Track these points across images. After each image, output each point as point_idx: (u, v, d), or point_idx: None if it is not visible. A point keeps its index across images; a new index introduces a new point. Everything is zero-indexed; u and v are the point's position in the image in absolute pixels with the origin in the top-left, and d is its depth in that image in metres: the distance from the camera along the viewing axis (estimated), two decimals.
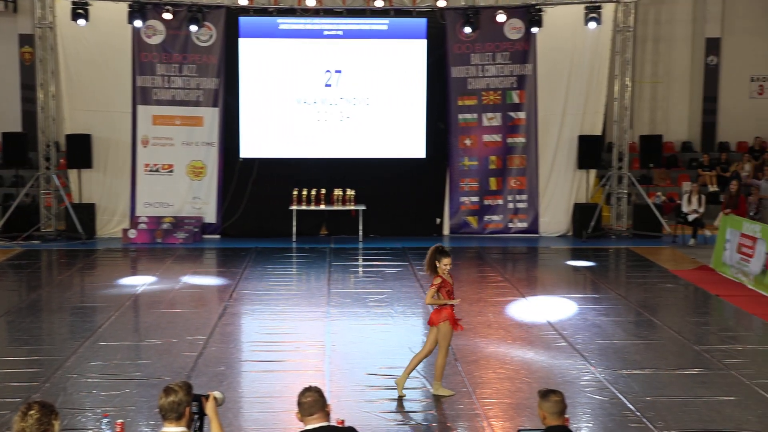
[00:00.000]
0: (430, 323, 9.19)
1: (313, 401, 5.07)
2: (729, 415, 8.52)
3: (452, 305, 9.09)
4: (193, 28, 18.83)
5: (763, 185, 18.24)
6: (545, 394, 5.20)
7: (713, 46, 23.67)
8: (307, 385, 5.22)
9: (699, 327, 12.06)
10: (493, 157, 19.78)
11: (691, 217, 18.71)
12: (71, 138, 18.94)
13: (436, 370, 9.17)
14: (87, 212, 19.00)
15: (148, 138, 19.30)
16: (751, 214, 18.37)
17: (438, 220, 19.89)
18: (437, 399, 9.03)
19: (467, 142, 19.71)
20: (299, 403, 5.09)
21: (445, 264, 8.97)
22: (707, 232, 18.63)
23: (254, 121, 19.46)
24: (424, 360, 9.30)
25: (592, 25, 19.04)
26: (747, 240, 14.68)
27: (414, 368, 9.24)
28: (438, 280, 8.96)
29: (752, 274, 14.35)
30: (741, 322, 12.46)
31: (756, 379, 9.57)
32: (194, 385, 5.12)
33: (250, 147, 19.48)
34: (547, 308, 12.96)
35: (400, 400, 8.99)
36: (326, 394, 5.27)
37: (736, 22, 23.69)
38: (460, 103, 19.63)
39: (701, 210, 18.73)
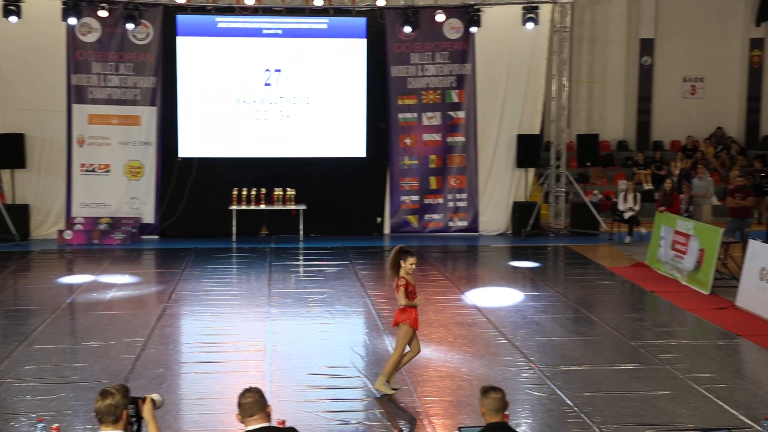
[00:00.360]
0: (395, 324, 9.18)
1: (253, 402, 5.05)
2: (664, 409, 8.69)
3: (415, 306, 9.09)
4: (130, 26, 18.56)
5: (696, 183, 18.64)
6: (485, 391, 5.25)
7: (647, 47, 24.14)
8: (247, 386, 5.19)
9: (635, 323, 12.28)
10: (433, 156, 19.89)
11: (626, 215, 19.04)
12: (3, 138, 18.49)
13: (386, 366, 9.20)
14: (21, 213, 18.60)
15: (84, 137, 18.98)
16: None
17: (379, 219, 19.93)
18: (380, 397, 9.03)
19: (407, 141, 19.78)
20: (239, 405, 5.06)
21: (410, 264, 9.05)
22: (643, 230, 18.97)
23: (193, 120, 19.26)
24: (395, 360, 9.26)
25: (530, 25, 19.26)
26: (681, 237, 14.99)
27: (396, 369, 9.25)
28: (402, 281, 8.96)
29: (686, 270, 14.66)
30: (675, 318, 12.71)
31: (689, 373, 9.79)
32: (132, 387, 5.06)
33: (188, 146, 19.28)
34: (487, 306, 13.07)
35: (390, 397, 9.07)
36: (267, 395, 5.25)
37: (668, 23, 24.19)
38: (400, 102, 19.69)
39: (636, 208, 19.07)
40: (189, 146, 19.27)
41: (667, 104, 24.60)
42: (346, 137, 19.63)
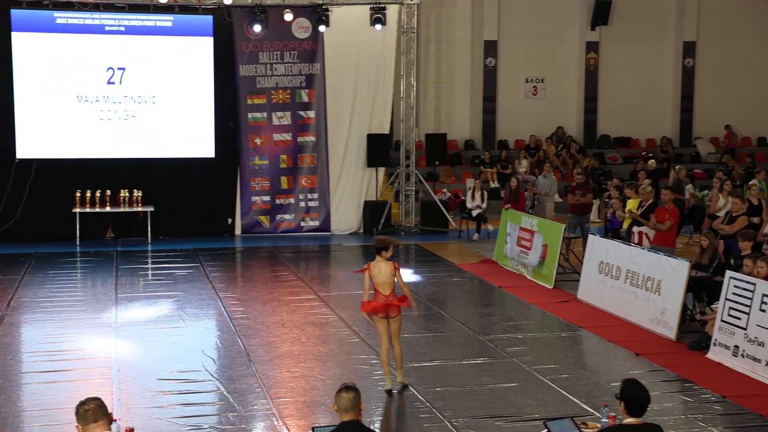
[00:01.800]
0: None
1: (96, 407, 4.87)
2: (511, 401, 8.99)
3: (383, 296, 9.12)
4: None
5: (540, 181, 19.33)
6: (339, 390, 5.28)
7: (491, 48, 24.87)
8: (89, 396, 5.00)
9: (484, 318, 12.63)
10: (283, 156, 19.81)
11: (474, 213, 19.54)
12: None
13: (399, 360, 9.31)
14: None
15: None
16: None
17: (230, 220, 19.70)
18: (227, 399, 8.93)
19: (257, 141, 19.62)
20: (77, 414, 4.87)
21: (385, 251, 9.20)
22: (490, 227, 19.53)
23: (31, 119, 18.46)
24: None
25: (378, 26, 19.46)
26: (526, 233, 15.52)
27: (388, 362, 9.23)
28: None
29: (531, 265, 15.19)
30: (521, 312, 13.15)
31: (535, 365, 10.16)
32: None
33: (27, 147, 18.46)
34: (340, 305, 13.12)
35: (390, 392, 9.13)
36: (115, 403, 5.09)
37: (510, 26, 25.01)
38: (249, 101, 19.51)
39: (483, 206, 19.61)
40: (27, 146, 18.46)
41: (511, 104, 25.42)
42: (194, 137, 19.29)
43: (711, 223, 14.60)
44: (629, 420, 5.33)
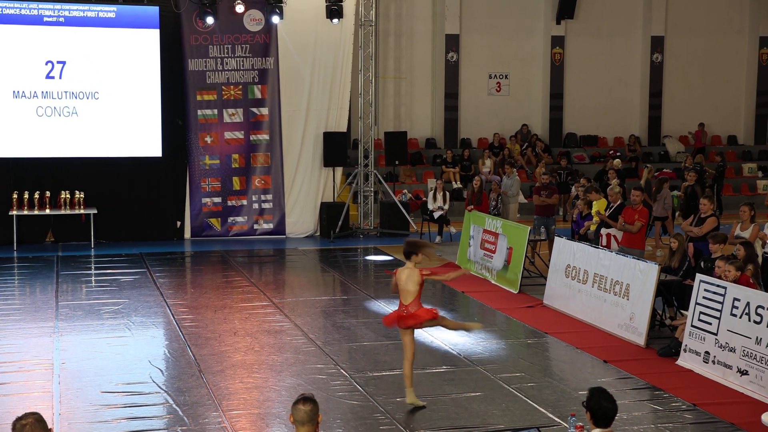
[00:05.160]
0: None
1: (30, 426, 4.79)
2: (475, 411, 9.04)
3: (401, 306, 9.00)
4: None
5: (504, 182, 19.45)
6: (296, 402, 5.27)
7: (453, 42, 25.00)
8: (28, 411, 4.93)
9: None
10: (235, 156, 19.72)
11: (436, 215, 19.61)
12: None
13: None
14: None
15: None
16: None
17: (178, 223, 19.57)
18: (176, 412, 8.87)
19: (208, 139, 19.51)
20: (14, 430, 4.80)
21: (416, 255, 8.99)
22: (452, 229, 19.61)
23: None
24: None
25: (334, 18, 19.45)
26: (490, 236, 15.62)
27: (410, 376, 9.12)
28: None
29: (495, 269, 15.28)
30: (486, 318, 13.22)
31: (500, 374, 10.23)
32: None
33: None
34: (296, 312, 13.11)
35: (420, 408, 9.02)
36: (55, 418, 5.03)
37: (473, 19, 25.16)
38: (198, 98, 19.40)
39: (446, 207, 19.68)
40: None
41: (474, 101, 25.56)
42: (139, 135, 19.14)
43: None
44: (596, 431, 5.39)
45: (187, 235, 19.60)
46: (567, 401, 9.30)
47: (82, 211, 18.39)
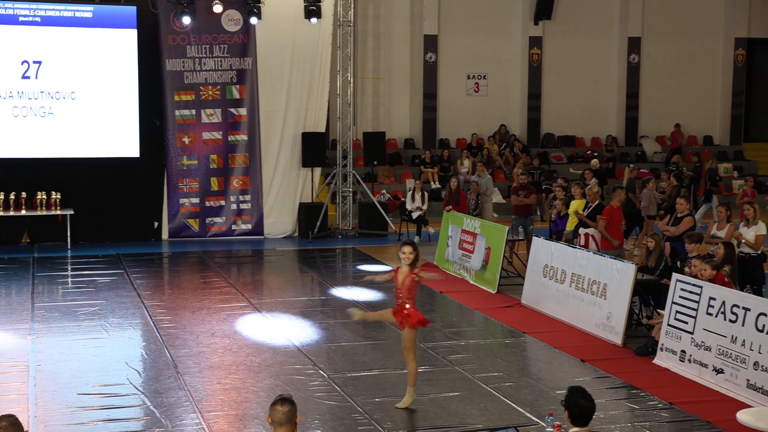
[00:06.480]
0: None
1: (4, 430, 4.77)
2: (454, 411, 9.05)
3: (398, 305, 9.08)
4: None
5: (482, 181, 19.49)
6: (274, 402, 5.27)
7: (431, 43, 25.03)
8: (3, 413, 4.90)
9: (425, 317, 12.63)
10: (213, 156, 19.65)
11: (415, 215, 19.62)
12: None
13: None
14: None
15: None
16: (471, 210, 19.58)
17: (156, 224, 19.47)
18: (153, 414, 8.83)
19: (185, 139, 19.43)
20: None
21: (402, 252, 9.02)
22: (431, 229, 19.63)
23: None
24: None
25: (313, 18, 19.42)
26: (468, 236, 15.64)
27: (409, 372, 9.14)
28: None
29: (473, 269, 15.31)
30: (464, 318, 13.25)
31: (478, 373, 10.24)
32: None
33: None
34: (274, 313, 13.08)
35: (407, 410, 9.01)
36: (31, 420, 5.00)
37: (451, 20, 25.21)
38: (176, 98, 19.31)
39: (424, 207, 19.69)
40: None
41: (453, 101, 25.61)
42: (116, 136, 19.03)
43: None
44: (574, 429, 5.42)
45: (165, 235, 19.50)
46: (545, 400, 9.33)
47: (58, 212, 18.27)
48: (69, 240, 18.21)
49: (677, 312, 10.52)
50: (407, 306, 9.07)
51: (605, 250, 13.32)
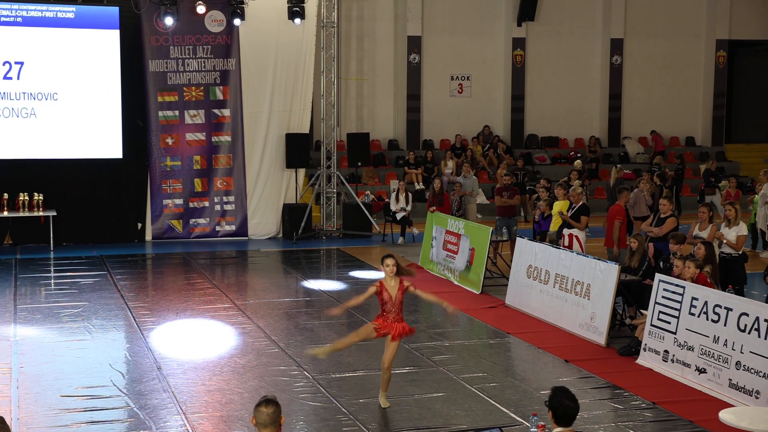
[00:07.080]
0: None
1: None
2: (438, 411, 9.06)
3: (384, 317, 9.12)
4: None
5: (468, 182, 19.53)
6: (258, 404, 5.26)
7: (415, 44, 25.05)
8: None
9: (409, 325, 12.63)
10: (197, 157, 19.60)
11: (399, 216, 19.63)
12: None
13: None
14: None
15: None
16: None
17: (139, 225, 19.40)
18: (137, 416, 8.80)
19: (169, 140, 19.37)
20: None
21: (385, 266, 8.98)
22: (415, 230, 19.64)
23: None
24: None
25: (296, 19, 19.40)
26: (452, 237, 15.66)
27: (387, 380, 9.15)
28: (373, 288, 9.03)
29: (458, 270, 15.33)
30: (448, 319, 13.25)
31: (462, 374, 10.26)
32: None
33: None
34: (258, 314, 13.06)
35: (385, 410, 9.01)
36: (14, 422, 4.98)
37: (435, 21, 25.24)
38: (159, 99, 19.25)
39: (408, 208, 19.71)
40: None
41: (437, 102, 25.63)
42: (99, 137, 18.95)
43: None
44: (558, 430, 5.43)
45: (149, 237, 19.44)
46: (529, 401, 9.35)
47: (41, 214, 18.18)
48: (52, 241, 18.13)
49: (660, 312, 10.57)
50: (388, 318, 9.14)
51: (608, 249, 13.45)
